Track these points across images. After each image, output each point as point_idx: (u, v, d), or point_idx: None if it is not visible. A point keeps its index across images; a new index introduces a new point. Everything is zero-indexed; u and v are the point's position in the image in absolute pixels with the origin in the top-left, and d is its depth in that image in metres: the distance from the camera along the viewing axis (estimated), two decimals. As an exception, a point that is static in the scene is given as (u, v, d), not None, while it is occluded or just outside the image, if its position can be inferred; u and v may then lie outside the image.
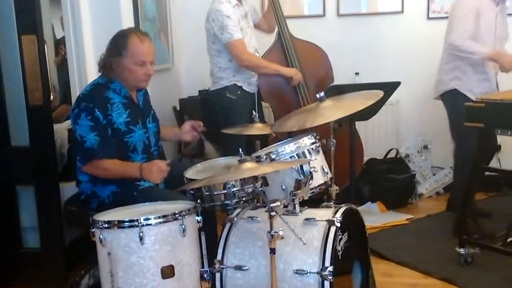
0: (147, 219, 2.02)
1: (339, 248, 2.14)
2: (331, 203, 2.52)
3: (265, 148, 2.62)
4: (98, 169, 2.51)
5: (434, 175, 4.62)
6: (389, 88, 3.29)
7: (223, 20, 3.55)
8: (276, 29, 4.00)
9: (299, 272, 2.07)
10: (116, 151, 2.53)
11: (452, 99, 3.67)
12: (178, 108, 4.43)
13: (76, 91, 3.53)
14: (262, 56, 3.88)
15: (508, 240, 2.99)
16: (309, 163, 2.37)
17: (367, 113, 3.21)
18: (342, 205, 2.35)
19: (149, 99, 2.84)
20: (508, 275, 2.98)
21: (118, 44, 2.54)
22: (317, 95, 2.44)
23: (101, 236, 2.03)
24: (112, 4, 3.51)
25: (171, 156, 4.39)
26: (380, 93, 2.46)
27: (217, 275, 2.18)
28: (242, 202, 2.37)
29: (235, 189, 2.33)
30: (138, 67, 2.54)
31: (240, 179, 2.31)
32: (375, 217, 4.03)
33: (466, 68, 3.58)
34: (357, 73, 4.57)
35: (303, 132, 2.53)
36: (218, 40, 3.63)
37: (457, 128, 3.66)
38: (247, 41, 3.71)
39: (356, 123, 3.54)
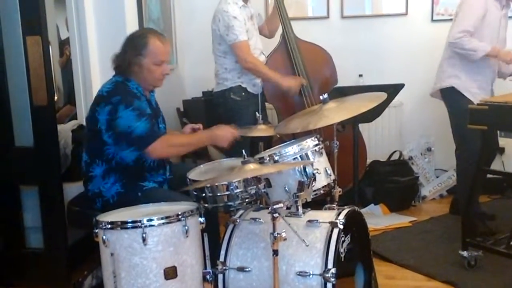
0: (150, 220, 2.02)
1: (341, 250, 2.14)
2: (334, 205, 2.52)
3: (268, 150, 2.62)
4: (169, 147, 2.55)
5: (437, 177, 4.61)
6: (393, 90, 3.29)
7: (230, 20, 3.56)
8: (281, 31, 4.01)
9: (302, 274, 2.07)
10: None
11: (451, 98, 3.66)
12: (181, 109, 4.44)
13: (80, 92, 3.55)
14: (266, 57, 3.89)
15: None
16: (312, 164, 2.36)
17: (371, 115, 3.21)
18: (345, 207, 2.35)
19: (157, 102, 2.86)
20: (511, 278, 2.98)
21: (139, 43, 2.56)
22: (321, 97, 2.44)
23: (104, 237, 2.03)
24: (116, 5, 3.52)
25: (174, 157, 4.40)
26: (383, 95, 2.46)
27: (220, 276, 2.18)
28: (245, 204, 2.37)
29: (238, 190, 2.34)
30: (156, 67, 2.59)
31: (243, 181, 2.32)
32: (378, 219, 4.02)
33: (465, 67, 3.57)
34: (360, 75, 4.57)
35: (307, 133, 2.53)
36: (224, 41, 3.64)
37: (458, 129, 3.66)
38: (253, 42, 3.72)
39: (360, 125, 3.54)
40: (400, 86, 3.36)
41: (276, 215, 1.97)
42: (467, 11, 3.53)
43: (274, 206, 1.97)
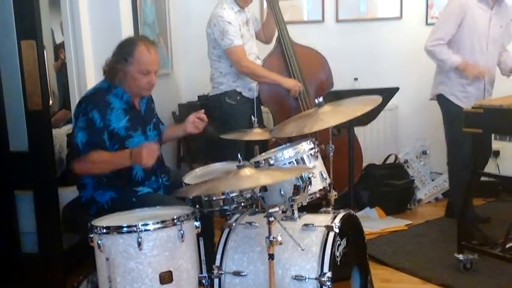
0: (146, 224, 2.02)
1: (337, 254, 2.14)
2: (330, 209, 2.52)
3: (264, 154, 2.62)
4: (86, 164, 2.47)
5: (433, 180, 4.62)
6: (388, 93, 3.29)
7: (224, 26, 3.56)
8: (276, 34, 4.01)
9: (298, 278, 2.07)
10: None
11: (442, 104, 3.73)
12: (177, 113, 4.44)
13: (75, 96, 3.54)
14: (262, 61, 3.89)
15: (507, 246, 2.99)
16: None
17: (366, 118, 3.21)
18: (341, 210, 2.35)
19: (154, 107, 2.84)
20: (506, 281, 2.98)
21: (125, 50, 2.54)
22: (316, 100, 2.44)
23: (99, 242, 2.02)
24: (111, 10, 3.52)
25: (171, 161, 4.40)
26: (378, 99, 2.46)
27: (216, 280, 2.17)
28: (240, 208, 2.37)
29: (233, 194, 2.33)
30: (142, 76, 2.54)
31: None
32: (374, 222, 4.03)
33: (449, 73, 3.61)
34: (356, 79, 4.58)
35: (302, 137, 2.53)
36: (219, 46, 3.64)
37: (448, 133, 3.70)
38: (248, 47, 3.72)
39: (355, 128, 3.54)
40: (395, 90, 3.36)
41: (271, 219, 1.97)
42: (443, 18, 3.61)
43: (270, 210, 1.97)
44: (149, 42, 2.61)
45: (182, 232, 2.06)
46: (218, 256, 2.21)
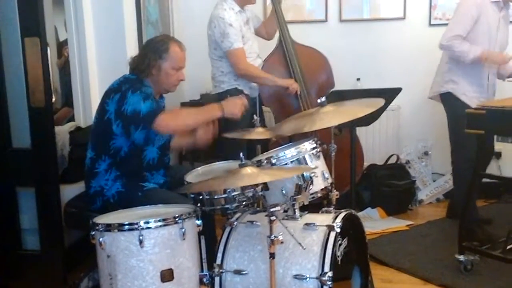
0: (147, 222, 2.02)
1: (338, 253, 2.14)
2: (331, 208, 2.52)
3: (265, 153, 2.62)
4: (177, 117, 2.59)
5: (434, 181, 4.62)
6: (390, 94, 3.29)
7: (225, 28, 3.56)
8: (278, 34, 4.01)
9: (298, 277, 2.07)
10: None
11: (449, 103, 3.69)
12: (179, 112, 4.44)
13: (78, 94, 3.55)
14: (263, 61, 3.89)
15: (508, 247, 2.99)
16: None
17: (368, 118, 3.20)
18: (342, 210, 2.35)
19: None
20: (507, 283, 2.98)
21: (161, 48, 2.65)
22: (318, 100, 2.44)
23: (100, 239, 2.03)
24: (115, 8, 3.52)
25: (173, 160, 4.39)
26: (381, 101, 2.46)
27: (216, 279, 2.18)
28: (242, 206, 2.37)
29: (235, 193, 2.33)
30: (174, 72, 2.68)
31: (241, 184, 2.32)
32: (375, 222, 4.03)
33: (461, 71, 3.59)
34: (358, 79, 4.58)
35: (304, 136, 2.53)
36: (220, 46, 3.64)
37: (454, 133, 3.69)
38: (249, 47, 3.72)
39: (357, 128, 3.54)
40: (398, 90, 3.36)
41: (273, 218, 1.97)
42: (459, 15, 3.56)
43: (271, 209, 1.97)
44: (178, 41, 2.77)
45: (183, 230, 2.06)
46: (219, 255, 2.21)
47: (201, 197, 2.36)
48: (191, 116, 2.63)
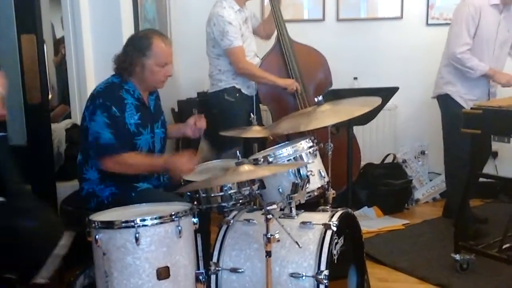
0: (143, 220, 2.02)
1: (334, 252, 2.14)
2: (328, 207, 2.52)
3: (262, 151, 2.62)
4: (121, 165, 2.46)
5: (430, 180, 4.63)
6: (387, 93, 3.29)
7: (225, 26, 3.56)
8: (276, 33, 4.01)
9: (295, 276, 2.08)
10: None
11: (444, 104, 3.73)
12: (176, 110, 4.43)
13: (74, 91, 3.54)
14: (261, 59, 3.89)
15: (504, 246, 3.00)
16: (306, 166, 2.37)
17: (365, 118, 3.21)
18: (339, 209, 2.35)
19: (160, 104, 2.83)
20: (503, 282, 2.99)
21: (142, 45, 2.54)
22: (315, 99, 2.44)
23: (96, 236, 2.02)
24: (112, 5, 3.51)
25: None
26: (377, 100, 2.47)
27: (213, 277, 2.18)
28: (239, 205, 2.37)
29: (232, 191, 2.34)
30: (159, 68, 2.56)
31: (237, 182, 2.31)
32: (372, 221, 4.03)
33: (460, 75, 3.61)
34: (355, 78, 4.58)
35: (301, 135, 2.53)
36: (219, 45, 3.64)
37: (447, 134, 3.71)
38: (247, 45, 3.72)
39: (354, 127, 3.54)
40: (395, 89, 3.36)
41: (269, 216, 1.97)
42: (460, 22, 3.56)
43: (268, 208, 1.97)
44: (162, 35, 2.63)
45: (179, 228, 2.06)
46: (216, 253, 2.21)
47: (197, 195, 2.36)
48: (134, 169, 2.50)
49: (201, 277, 2.14)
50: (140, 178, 2.61)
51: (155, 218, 2.03)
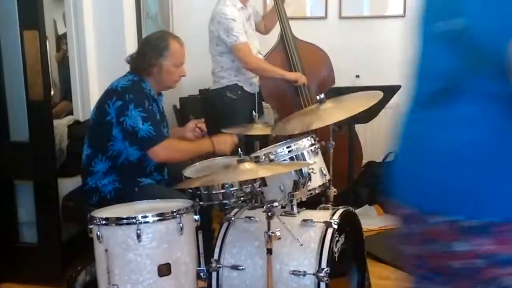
0: (145, 216, 2.02)
1: (336, 250, 2.14)
2: (329, 205, 2.52)
3: (264, 149, 2.63)
4: (170, 149, 2.56)
5: (432, 179, 4.62)
6: (389, 91, 3.29)
7: (229, 23, 3.55)
8: (279, 30, 4.00)
9: (296, 273, 2.08)
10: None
11: None
12: (178, 107, 4.43)
13: (76, 88, 3.55)
14: (264, 56, 3.89)
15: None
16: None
17: (367, 116, 3.22)
18: (340, 207, 2.35)
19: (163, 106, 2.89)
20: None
21: (159, 45, 2.62)
22: (318, 97, 2.44)
23: (98, 233, 2.03)
24: (114, 2, 3.52)
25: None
26: (380, 94, 2.46)
27: (214, 274, 2.18)
28: (240, 202, 2.37)
29: (233, 188, 2.34)
30: (175, 68, 2.66)
31: (239, 179, 2.32)
32: (373, 220, 4.02)
33: None
34: (357, 76, 4.58)
35: (303, 133, 2.53)
36: (222, 42, 3.63)
37: None
38: (250, 43, 3.71)
39: (356, 126, 3.55)
40: (397, 88, 3.36)
41: (271, 214, 1.97)
42: None
43: (269, 205, 1.98)
44: (176, 36, 2.75)
45: (181, 225, 2.06)
46: (217, 250, 2.21)
47: (199, 192, 2.36)
48: (184, 153, 2.64)
49: (202, 274, 2.15)
50: (143, 173, 2.63)
51: (157, 215, 2.04)
